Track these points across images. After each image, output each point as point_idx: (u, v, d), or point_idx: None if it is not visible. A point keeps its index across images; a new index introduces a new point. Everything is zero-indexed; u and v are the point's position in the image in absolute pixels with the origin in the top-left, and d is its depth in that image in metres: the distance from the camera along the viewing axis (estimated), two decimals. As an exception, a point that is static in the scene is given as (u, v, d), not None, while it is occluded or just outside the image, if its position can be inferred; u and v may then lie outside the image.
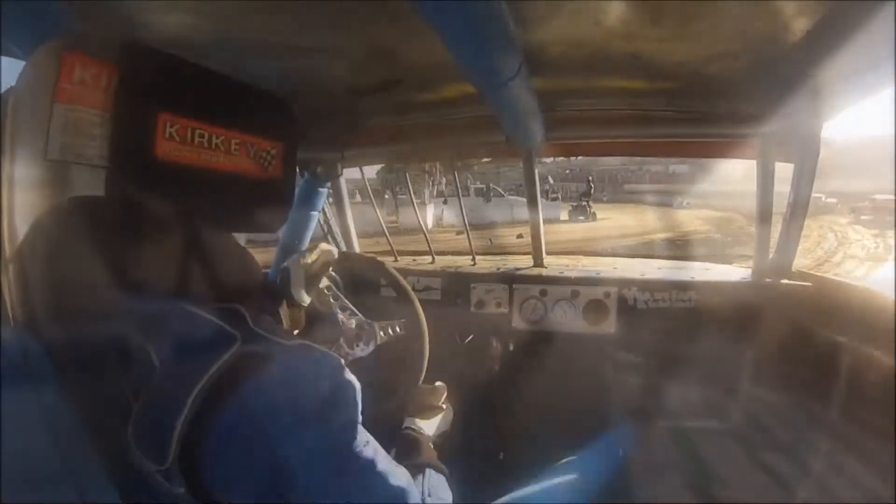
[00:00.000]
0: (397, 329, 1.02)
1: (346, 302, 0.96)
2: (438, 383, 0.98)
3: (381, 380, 0.96)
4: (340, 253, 0.81)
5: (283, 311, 0.70)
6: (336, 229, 1.72)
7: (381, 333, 1.01)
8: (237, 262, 0.55)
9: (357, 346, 1.08)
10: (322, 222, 1.70)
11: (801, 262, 1.29)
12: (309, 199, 1.54)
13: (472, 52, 0.71)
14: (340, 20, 0.76)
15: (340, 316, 0.93)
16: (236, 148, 0.48)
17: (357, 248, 1.81)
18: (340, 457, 0.44)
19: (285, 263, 0.72)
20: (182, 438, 0.37)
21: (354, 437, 0.45)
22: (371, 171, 1.65)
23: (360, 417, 0.46)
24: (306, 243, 1.55)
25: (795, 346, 1.17)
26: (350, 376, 0.47)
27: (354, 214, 1.71)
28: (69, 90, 0.39)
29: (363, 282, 1.48)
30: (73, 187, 0.40)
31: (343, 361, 0.46)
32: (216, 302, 0.47)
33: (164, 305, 0.44)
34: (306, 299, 0.73)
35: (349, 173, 1.61)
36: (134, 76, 0.42)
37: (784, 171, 1.18)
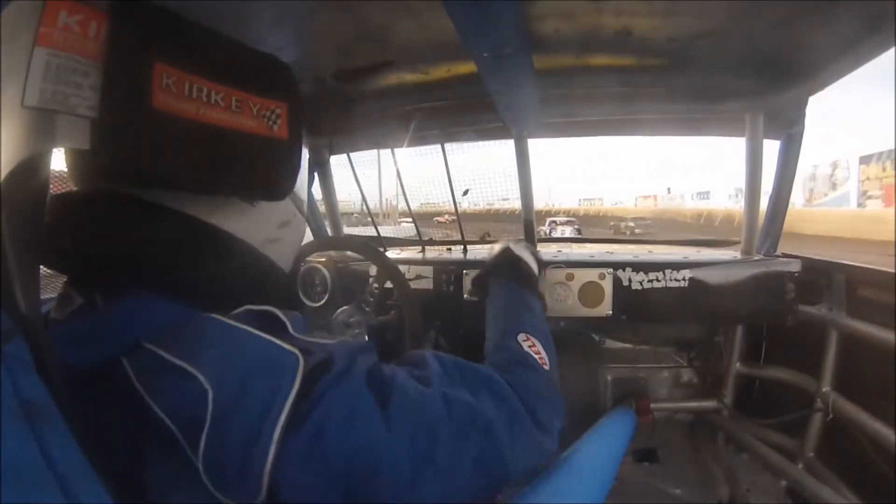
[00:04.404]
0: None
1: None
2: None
3: None
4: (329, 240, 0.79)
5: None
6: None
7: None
8: (247, 253, 0.51)
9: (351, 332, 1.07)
10: (306, 209, 1.67)
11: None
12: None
13: (475, 26, 0.70)
14: None
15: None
16: (238, 105, 0.46)
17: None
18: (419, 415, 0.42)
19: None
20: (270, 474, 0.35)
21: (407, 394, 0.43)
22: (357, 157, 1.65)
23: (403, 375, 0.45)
24: None
25: (784, 321, 1.20)
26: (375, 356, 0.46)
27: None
28: (53, 35, 0.37)
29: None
30: (54, 138, 0.37)
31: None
32: (234, 300, 0.44)
33: (187, 313, 0.41)
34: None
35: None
36: (126, 24, 0.39)
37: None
